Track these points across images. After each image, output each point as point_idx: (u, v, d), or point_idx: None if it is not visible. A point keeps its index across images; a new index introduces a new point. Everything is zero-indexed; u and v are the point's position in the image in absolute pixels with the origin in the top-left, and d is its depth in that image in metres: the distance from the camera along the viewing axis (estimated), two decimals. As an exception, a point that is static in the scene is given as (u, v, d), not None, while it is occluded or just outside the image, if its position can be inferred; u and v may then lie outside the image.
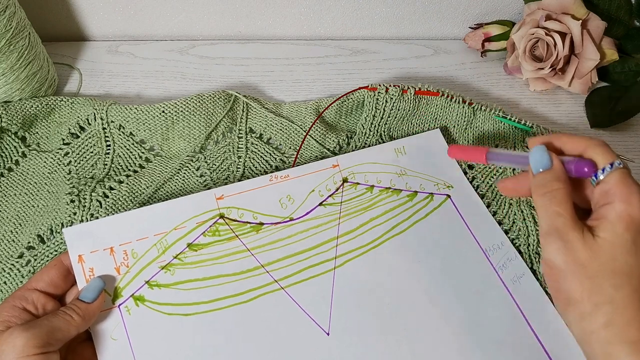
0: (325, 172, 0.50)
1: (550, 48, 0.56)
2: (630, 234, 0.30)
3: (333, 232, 0.47)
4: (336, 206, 0.48)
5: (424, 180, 0.50)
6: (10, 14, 0.50)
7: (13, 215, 0.49)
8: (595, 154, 0.33)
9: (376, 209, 0.48)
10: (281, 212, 0.47)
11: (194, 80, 0.62)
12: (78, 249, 0.42)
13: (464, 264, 0.46)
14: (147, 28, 0.67)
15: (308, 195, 0.48)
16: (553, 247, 0.32)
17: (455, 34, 0.69)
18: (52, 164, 0.52)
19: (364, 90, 0.55)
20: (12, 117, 0.53)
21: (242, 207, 0.47)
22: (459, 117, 0.55)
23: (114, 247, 0.43)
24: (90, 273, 0.41)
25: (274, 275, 0.44)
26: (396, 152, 0.52)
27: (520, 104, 0.61)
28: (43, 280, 0.39)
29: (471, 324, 0.43)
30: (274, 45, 0.66)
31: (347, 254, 0.46)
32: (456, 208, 0.49)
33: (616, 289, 0.30)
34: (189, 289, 0.43)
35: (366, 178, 0.50)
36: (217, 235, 0.45)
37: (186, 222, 0.45)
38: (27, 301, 0.38)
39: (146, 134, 0.54)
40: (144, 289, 0.42)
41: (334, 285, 0.44)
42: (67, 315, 0.37)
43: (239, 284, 0.43)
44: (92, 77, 0.62)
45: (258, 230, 0.46)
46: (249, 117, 0.56)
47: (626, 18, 0.59)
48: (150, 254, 0.43)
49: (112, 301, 0.41)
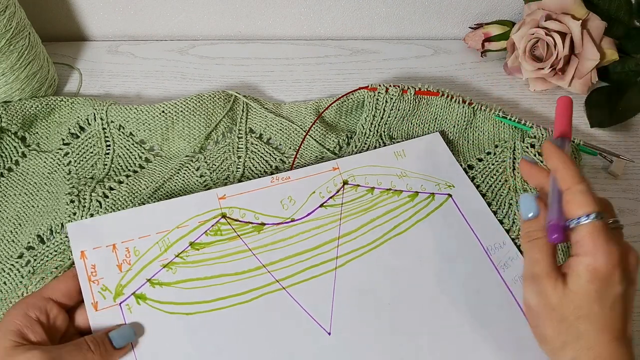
0: (326, 174, 0.50)
1: (550, 48, 0.56)
2: (594, 285, 0.33)
3: (334, 233, 0.47)
4: (337, 207, 0.48)
5: (425, 180, 0.50)
6: (10, 14, 0.50)
7: (13, 215, 0.49)
8: (574, 200, 0.34)
9: (377, 210, 0.48)
10: (283, 213, 0.47)
11: (194, 80, 0.62)
12: (81, 244, 0.42)
13: (466, 263, 0.46)
14: (147, 28, 0.67)
15: (309, 196, 0.48)
16: (530, 289, 0.36)
17: (455, 34, 0.69)
18: (52, 164, 0.52)
19: (364, 91, 0.55)
20: (12, 117, 0.53)
21: (244, 207, 0.47)
22: (459, 117, 0.55)
23: (116, 244, 0.43)
24: (92, 270, 0.41)
25: (275, 275, 0.44)
26: (395, 155, 0.52)
27: (520, 104, 0.61)
28: (60, 290, 0.39)
29: (472, 324, 0.43)
30: (274, 45, 0.66)
31: (348, 254, 0.46)
32: (458, 207, 0.49)
33: (581, 331, 0.33)
34: (191, 287, 0.43)
35: (366, 180, 0.50)
36: (219, 234, 0.45)
37: (188, 221, 0.45)
38: (40, 311, 0.37)
39: (146, 134, 0.54)
40: (146, 287, 0.42)
41: (335, 285, 0.44)
42: (90, 353, 0.36)
43: (240, 283, 0.43)
44: (92, 77, 0.62)
45: (260, 230, 0.46)
46: (248, 117, 0.56)
47: (626, 18, 0.59)
48: (152, 252, 0.43)
49: (113, 299, 0.41)
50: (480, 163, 0.53)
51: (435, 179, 0.51)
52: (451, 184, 0.50)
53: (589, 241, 0.33)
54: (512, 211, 0.49)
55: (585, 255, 0.33)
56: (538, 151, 0.51)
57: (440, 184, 0.50)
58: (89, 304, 0.40)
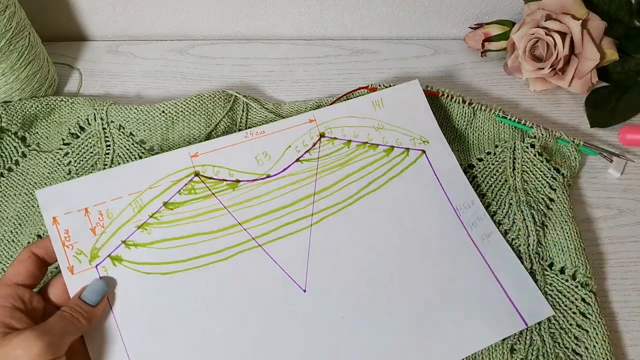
0: (302, 127, 0.49)
1: (550, 48, 0.56)
2: None
3: (310, 189, 0.47)
4: (313, 162, 0.48)
5: (401, 134, 0.51)
6: (10, 14, 0.50)
7: (13, 215, 0.49)
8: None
9: (353, 165, 0.49)
10: (258, 169, 0.47)
11: (194, 80, 0.62)
12: (52, 210, 0.42)
13: (436, 221, 0.47)
14: (147, 28, 0.67)
15: (285, 151, 0.48)
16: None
17: (455, 34, 0.69)
18: (52, 164, 0.52)
19: (363, 90, 0.55)
20: (12, 117, 0.53)
21: (218, 164, 0.46)
22: (459, 117, 0.55)
23: (88, 208, 0.43)
24: (66, 235, 0.41)
25: (251, 233, 0.45)
26: (374, 105, 0.51)
27: (520, 104, 0.61)
28: (20, 274, 0.39)
29: (442, 279, 0.44)
30: (274, 45, 0.66)
31: (323, 211, 0.46)
32: (430, 165, 0.50)
33: None
34: (166, 247, 0.43)
35: (344, 132, 0.50)
36: (193, 193, 0.45)
37: (161, 181, 0.45)
38: (14, 298, 0.37)
39: (146, 134, 0.54)
40: (121, 248, 0.42)
41: (311, 242, 0.45)
42: (74, 319, 0.37)
43: (216, 242, 0.44)
44: (92, 77, 0.62)
45: (234, 187, 0.46)
46: (248, 117, 0.56)
47: (626, 18, 0.59)
48: (125, 214, 0.43)
49: (88, 262, 0.41)
50: (480, 163, 0.53)
51: (411, 132, 0.51)
52: (426, 139, 0.51)
53: None
54: (512, 211, 0.49)
55: None
56: (538, 151, 0.51)
57: (415, 138, 0.51)
58: (65, 269, 0.40)
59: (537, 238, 0.47)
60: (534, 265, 0.46)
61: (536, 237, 0.47)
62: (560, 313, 0.44)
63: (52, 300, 0.40)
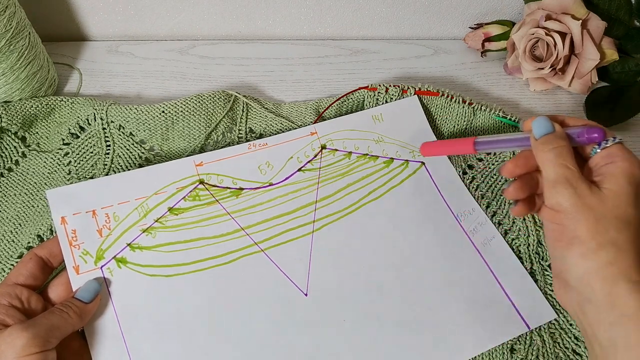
0: (304, 139, 0.51)
1: (550, 48, 0.56)
2: (632, 187, 0.34)
3: (312, 197, 0.48)
4: (315, 172, 0.49)
5: (400, 147, 0.52)
6: (10, 14, 0.50)
7: (13, 215, 0.49)
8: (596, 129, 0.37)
9: (353, 175, 0.49)
10: (260, 178, 0.48)
11: (194, 80, 0.62)
12: (61, 210, 0.43)
13: (437, 228, 0.47)
14: (147, 28, 0.67)
15: (287, 161, 0.49)
16: (563, 193, 0.35)
17: (455, 34, 0.69)
18: (52, 164, 0.52)
19: (364, 90, 0.55)
20: (12, 117, 0.53)
21: (222, 173, 0.48)
22: (459, 117, 0.55)
23: (96, 210, 0.44)
24: (73, 235, 0.42)
25: (253, 238, 0.45)
26: (374, 119, 0.53)
27: (520, 104, 0.61)
28: (22, 275, 0.40)
29: (444, 284, 0.44)
30: (274, 45, 0.66)
31: (325, 218, 0.47)
32: (430, 175, 0.50)
33: (619, 232, 0.33)
34: (171, 251, 0.44)
35: (344, 145, 0.51)
36: (198, 199, 0.46)
37: (166, 188, 0.46)
38: (11, 297, 0.38)
39: (146, 134, 0.54)
40: (126, 251, 0.43)
41: (312, 247, 0.45)
42: (64, 314, 0.37)
43: (219, 246, 0.45)
44: (92, 77, 0.62)
45: (238, 195, 0.47)
46: (248, 117, 0.56)
47: (626, 18, 0.59)
48: (131, 217, 0.44)
49: (94, 263, 0.42)
50: (480, 163, 0.53)
51: (410, 146, 0.52)
52: None
53: (624, 150, 0.36)
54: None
55: (622, 161, 0.35)
56: None
57: (415, 151, 0.52)
58: (71, 268, 0.41)
59: (537, 238, 0.47)
60: (534, 265, 0.46)
61: (536, 237, 0.47)
62: (560, 313, 0.45)
63: (52, 300, 0.41)
